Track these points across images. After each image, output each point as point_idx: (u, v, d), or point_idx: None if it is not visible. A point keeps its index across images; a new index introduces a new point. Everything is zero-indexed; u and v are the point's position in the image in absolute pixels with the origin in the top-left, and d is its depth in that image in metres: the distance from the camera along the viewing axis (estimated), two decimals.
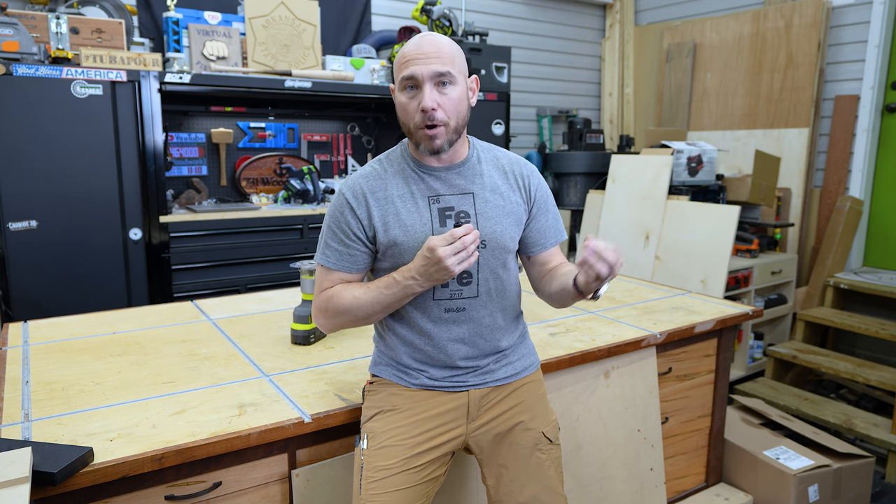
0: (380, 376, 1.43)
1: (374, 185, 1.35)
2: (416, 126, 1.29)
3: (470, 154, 1.39)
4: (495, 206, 1.37)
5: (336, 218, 1.36)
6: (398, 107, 1.32)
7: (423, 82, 1.26)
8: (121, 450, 1.23)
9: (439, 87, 1.27)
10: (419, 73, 1.25)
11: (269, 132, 3.66)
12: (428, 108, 1.25)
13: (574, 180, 4.26)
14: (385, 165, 1.38)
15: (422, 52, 1.26)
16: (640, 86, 5.04)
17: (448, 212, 1.33)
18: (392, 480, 1.28)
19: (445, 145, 1.30)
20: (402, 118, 1.32)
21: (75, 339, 1.90)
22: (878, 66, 3.73)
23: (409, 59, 1.27)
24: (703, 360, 2.22)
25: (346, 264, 1.35)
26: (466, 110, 1.33)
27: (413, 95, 1.28)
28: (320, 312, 1.37)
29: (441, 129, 1.27)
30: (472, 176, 1.37)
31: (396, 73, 1.31)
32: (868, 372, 3.19)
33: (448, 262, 1.21)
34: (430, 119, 1.26)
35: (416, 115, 1.27)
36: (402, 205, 1.33)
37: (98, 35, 2.77)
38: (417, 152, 1.36)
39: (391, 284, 1.29)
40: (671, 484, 2.20)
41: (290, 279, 3.15)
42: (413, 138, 1.32)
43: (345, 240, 1.35)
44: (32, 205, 2.54)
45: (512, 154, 1.47)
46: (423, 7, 3.63)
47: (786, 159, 4.01)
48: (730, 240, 3.27)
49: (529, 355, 1.49)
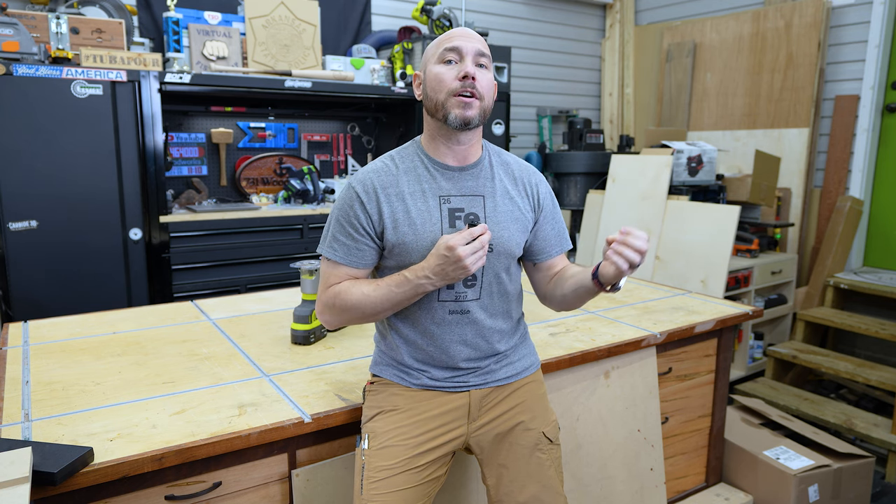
0: (381, 376, 1.43)
1: (386, 180, 1.34)
2: (451, 93, 1.29)
3: (483, 156, 1.40)
4: (504, 211, 1.37)
5: (345, 211, 1.34)
6: (431, 79, 1.32)
7: (466, 55, 1.30)
8: (121, 450, 1.23)
9: (478, 66, 1.31)
10: (465, 46, 1.30)
11: (269, 132, 3.66)
12: (471, 73, 1.28)
13: (574, 180, 4.26)
14: (397, 162, 1.37)
15: (466, 33, 1.33)
16: (640, 86, 5.04)
17: (458, 213, 1.33)
18: (393, 481, 1.28)
19: (476, 118, 1.30)
20: (434, 89, 1.31)
21: (75, 339, 1.90)
22: (878, 66, 3.73)
23: (453, 36, 1.32)
24: (703, 360, 2.22)
25: (354, 259, 1.34)
26: (493, 99, 1.35)
27: (452, 66, 1.30)
28: (327, 308, 1.36)
29: (476, 101, 1.30)
30: (483, 179, 1.37)
31: (435, 50, 1.33)
32: (868, 372, 3.19)
33: (467, 262, 1.22)
34: (471, 86, 1.28)
35: (453, 82, 1.29)
36: (412, 203, 1.32)
37: (98, 35, 2.77)
38: (434, 146, 1.36)
39: (402, 283, 1.28)
40: (671, 484, 2.20)
41: (291, 279, 3.15)
42: (442, 110, 1.30)
43: (353, 234, 1.33)
44: (32, 205, 2.54)
45: (522, 160, 1.48)
46: (423, 7, 3.63)
47: (786, 159, 4.01)
48: (730, 240, 3.27)
49: (530, 356, 1.49)
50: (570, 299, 1.41)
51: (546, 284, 1.48)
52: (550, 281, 1.47)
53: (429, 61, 1.34)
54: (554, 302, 1.47)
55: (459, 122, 1.29)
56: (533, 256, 1.46)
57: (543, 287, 1.49)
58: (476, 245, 1.22)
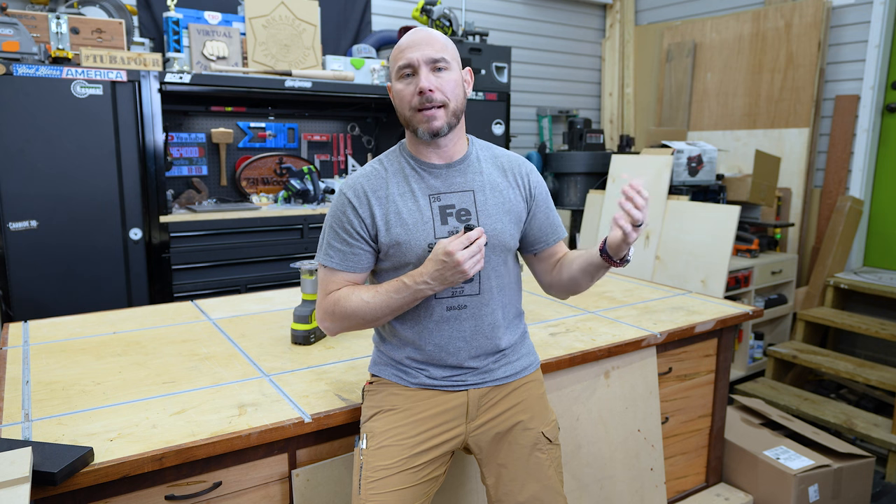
0: (379, 376, 1.43)
1: (375, 184, 1.35)
2: (413, 109, 1.29)
3: (469, 151, 1.40)
4: (495, 203, 1.37)
5: (338, 218, 1.35)
6: (395, 97, 1.33)
7: (419, 67, 1.28)
8: (121, 450, 1.23)
9: (435, 72, 1.29)
10: (415, 58, 1.28)
11: (269, 132, 3.66)
12: (425, 88, 1.27)
13: (574, 180, 4.26)
14: (385, 165, 1.39)
15: (415, 40, 1.30)
16: (641, 86, 5.04)
17: (449, 210, 1.34)
18: (391, 480, 1.28)
19: (445, 127, 1.30)
20: (399, 106, 1.33)
21: (75, 339, 1.90)
22: (878, 66, 3.72)
23: (403, 48, 1.30)
24: (703, 360, 2.22)
25: (351, 264, 1.35)
26: (464, 96, 1.34)
27: (410, 82, 1.30)
28: (327, 316, 1.37)
29: (441, 110, 1.29)
30: (471, 174, 1.38)
31: (392, 65, 1.33)
32: (868, 372, 3.19)
33: (466, 266, 1.23)
34: (428, 100, 1.27)
35: (413, 98, 1.29)
36: (402, 203, 1.33)
37: (98, 35, 2.77)
38: (417, 149, 1.36)
39: (401, 289, 1.29)
40: (671, 484, 2.20)
41: (291, 279, 3.15)
42: (411, 125, 1.32)
43: (348, 239, 1.34)
44: (33, 205, 2.54)
45: (510, 152, 1.47)
46: (423, 7, 3.63)
47: (786, 159, 4.01)
48: (730, 240, 3.27)
49: (529, 355, 1.49)
50: (579, 279, 1.41)
51: (550, 272, 1.48)
52: (554, 268, 1.47)
53: (391, 77, 1.35)
54: (562, 287, 1.47)
55: (428, 135, 1.30)
56: (532, 247, 1.47)
57: (548, 276, 1.49)
58: (474, 249, 1.23)
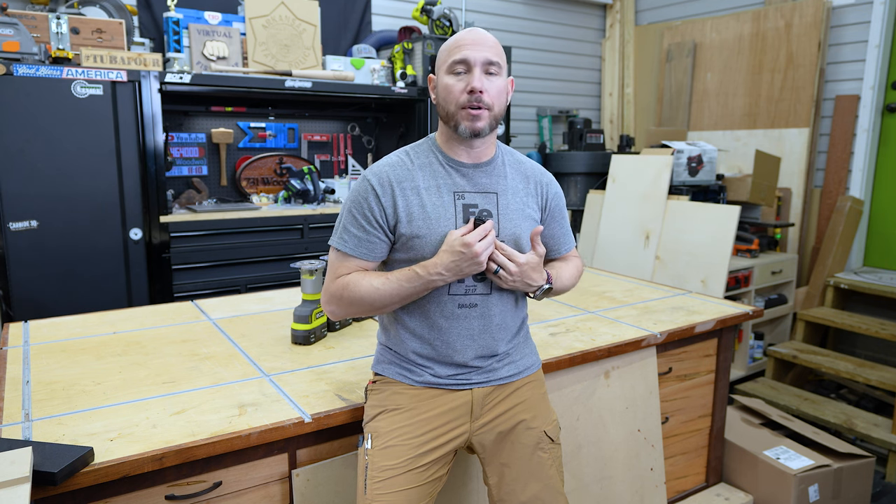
0: (383, 375, 1.43)
1: (401, 174, 1.35)
2: (459, 106, 1.31)
3: (496, 155, 1.42)
4: (516, 208, 1.39)
5: (359, 203, 1.35)
6: (442, 89, 1.34)
7: (474, 66, 1.30)
8: (121, 450, 1.23)
9: (488, 75, 1.31)
10: (472, 57, 1.29)
11: (269, 132, 3.66)
12: (477, 89, 1.29)
13: (574, 180, 4.26)
14: (412, 157, 1.39)
15: (476, 39, 1.32)
16: (641, 86, 5.04)
17: (472, 209, 1.35)
18: (397, 480, 1.28)
19: (486, 129, 1.33)
20: (445, 99, 1.33)
21: (76, 339, 1.90)
22: (878, 66, 3.72)
23: (462, 44, 1.31)
24: (703, 360, 2.22)
25: (364, 251, 1.35)
26: (505, 103, 1.36)
27: (461, 78, 1.31)
28: (334, 299, 1.36)
29: (485, 112, 1.31)
30: (497, 176, 1.39)
31: (445, 57, 1.34)
32: (868, 372, 3.19)
33: (483, 258, 1.27)
34: (477, 101, 1.29)
35: (461, 95, 1.30)
36: (427, 198, 1.34)
37: (98, 35, 2.77)
38: (449, 145, 1.38)
39: (413, 278, 1.29)
40: (671, 484, 2.20)
41: (291, 279, 3.15)
42: (453, 120, 1.33)
43: (366, 226, 1.34)
44: (33, 205, 2.54)
45: (534, 162, 1.51)
46: (424, 7, 3.63)
47: (786, 159, 4.01)
48: (730, 240, 3.27)
49: (531, 355, 1.50)
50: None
51: None
52: None
53: (440, 68, 1.35)
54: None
55: (469, 133, 1.32)
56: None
57: None
58: (489, 241, 1.27)
